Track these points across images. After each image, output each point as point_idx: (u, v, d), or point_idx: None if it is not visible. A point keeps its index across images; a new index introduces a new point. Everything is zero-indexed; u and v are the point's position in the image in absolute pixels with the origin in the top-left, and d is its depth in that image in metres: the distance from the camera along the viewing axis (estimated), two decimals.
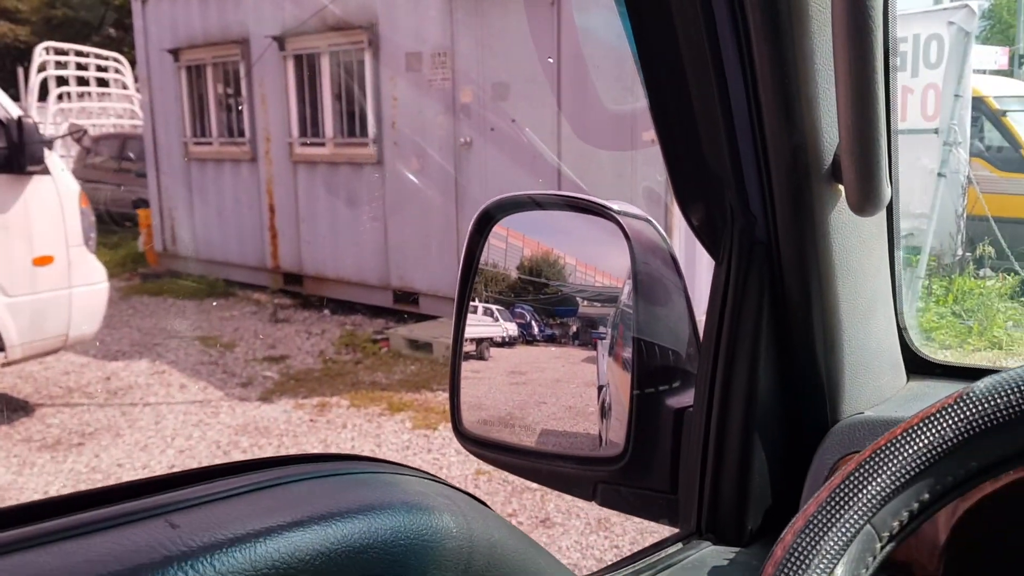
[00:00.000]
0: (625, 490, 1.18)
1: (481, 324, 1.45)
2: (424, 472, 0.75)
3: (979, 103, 9.09)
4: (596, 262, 1.36)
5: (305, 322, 9.10)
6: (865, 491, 0.65)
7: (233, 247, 10.62)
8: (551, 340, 1.35)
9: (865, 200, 0.84)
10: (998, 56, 11.88)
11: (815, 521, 0.64)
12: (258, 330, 8.85)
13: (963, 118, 8.18)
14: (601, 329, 1.33)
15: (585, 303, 1.34)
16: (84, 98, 15.48)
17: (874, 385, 1.15)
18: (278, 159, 9.89)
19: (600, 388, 1.42)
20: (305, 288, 9.75)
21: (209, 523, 0.57)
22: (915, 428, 0.67)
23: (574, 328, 1.34)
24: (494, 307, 1.43)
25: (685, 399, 1.17)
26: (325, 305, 9.45)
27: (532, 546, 0.76)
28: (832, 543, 0.63)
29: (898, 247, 1.13)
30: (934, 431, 0.67)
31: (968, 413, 0.67)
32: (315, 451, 5.47)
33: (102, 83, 15.72)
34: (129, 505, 0.59)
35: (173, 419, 6.42)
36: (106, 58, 15.44)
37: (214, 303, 10.09)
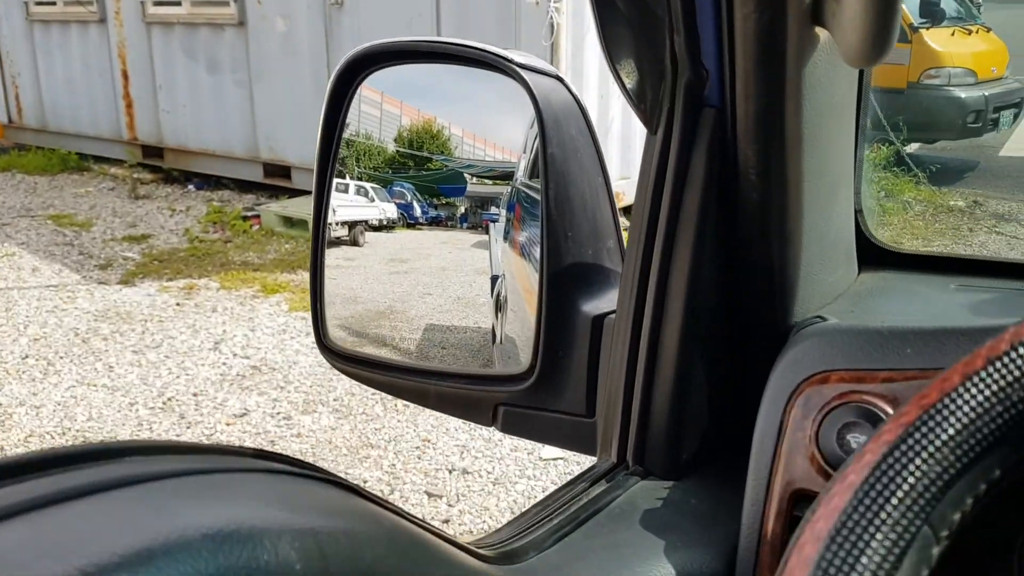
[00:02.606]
0: (532, 413, 0.97)
1: (354, 205, 1.27)
2: (285, 462, 0.50)
3: None
4: (487, 133, 1.18)
5: (168, 198, 8.51)
6: (915, 474, 0.44)
7: (85, 118, 9.77)
8: (436, 223, 1.20)
9: (873, 42, 0.60)
10: None
11: (849, 524, 0.43)
12: (116, 207, 8.25)
13: None
14: (494, 210, 1.16)
15: (475, 180, 1.17)
16: None
17: (828, 281, 0.95)
18: (129, 20, 9.01)
19: (494, 279, 1.22)
20: (166, 162, 9.09)
21: None
22: (976, 377, 0.47)
23: (462, 209, 1.18)
24: (368, 185, 1.25)
25: (604, 303, 0.95)
26: (189, 180, 8.84)
27: (424, 552, 0.53)
28: (876, 558, 0.42)
29: (866, 110, 0.92)
30: (1005, 376, 0.46)
31: None
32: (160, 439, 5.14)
33: None
34: None
35: (26, 305, 5.93)
36: None
37: (67, 179, 9.33)
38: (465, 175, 1.15)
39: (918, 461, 0.44)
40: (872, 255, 1.05)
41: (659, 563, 0.78)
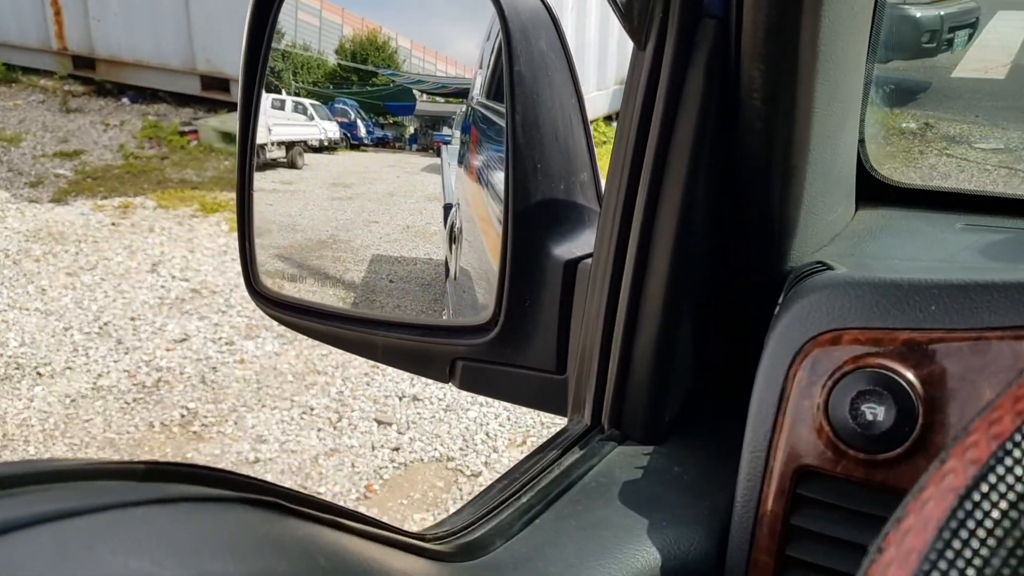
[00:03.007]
0: (494, 369, 0.86)
1: (291, 123, 1.15)
2: (191, 478, 0.39)
3: None
4: (439, 45, 1.06)
5: (101, 112, 8.09)
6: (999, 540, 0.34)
7: (10, 25, 9.19)
8: (382, 144, 1.09)
9: None
10: None
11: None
12: (47, 122, 7.84)
13: None
14: (446, 131, 1.05)
15: (425, 98, 1.07)
16: None
17: (828, 220, 0.85)
18: None
19: (447, 208, 1.10)
20: (98, 73, 8.61)
21: None
22: None
23: (411, 129, 1.08)
24: (307, 102, 1.14)
25: (578, 246, 0.84)
26: (123, 93, 8.41)
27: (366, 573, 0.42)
28: None
29: (880, 24, 0.80)
30: None
31: None
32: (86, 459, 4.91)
33: None
34: None
35: None
36: None
37: None
38: (414, 91, 1.05)
39: (1021, 494, 0.34)
40: (871, 190, 0.95)
41: (642, 546, 0.68)
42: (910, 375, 0.64)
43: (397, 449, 3.43)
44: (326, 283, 1.22)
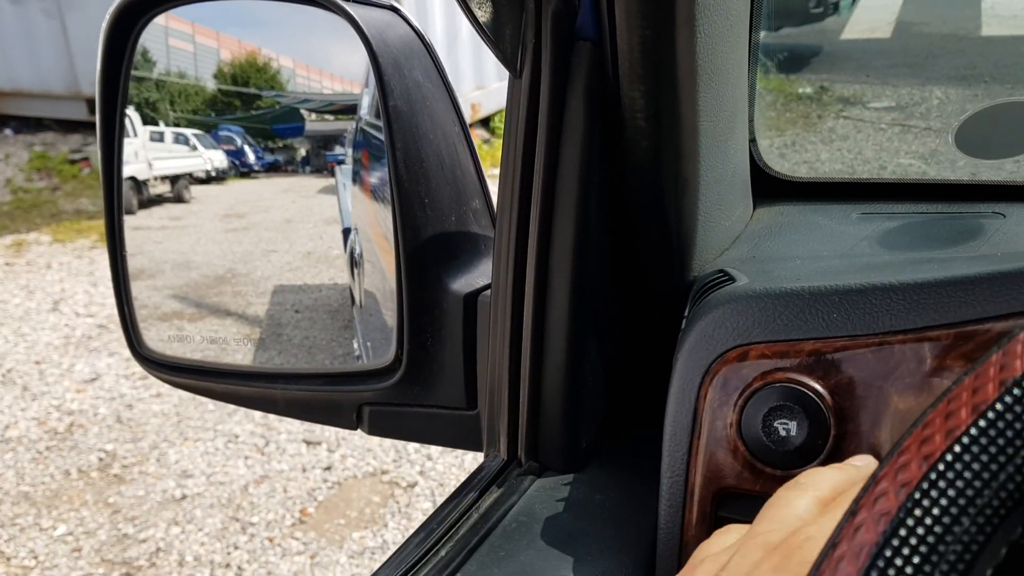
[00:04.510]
0: (403, 411, 0.83)
1: (173, 156, 1.11)
2: None
3: None
4: (322, 62, 1.03)
5: None
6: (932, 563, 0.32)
7: None
8: (274, 169, 1.06)
9: None
10: None
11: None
12: None
13: None
14: (339, 150, 1.02)
15: (313, 117, 1.03)
16: None
17: (725, 225, 0.83)
18: None
19: (345, 232, 1.07)
20: None
21: None
22: (991, 412, 0.35)
23: (303, 151, 1.05)
24: (188, 132, 1.10)
25: (476, 277, 0.81)
26: (5, 124, 8.05)
27: None
28: None
29: (758, 27, 0.79)
30: None
31: None
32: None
33: None
34: None
35: None
36: None
37: None
38: (302, 111, 1.01)
39: (935, 543, 0.32)
40: (767, 187, 0.94)
41: None
42: (818, 387, 0.63)
43: (329, 468, 3.36)
44: (225, 327, 1.16)
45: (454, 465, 3.32)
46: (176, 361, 0.90)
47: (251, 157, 1.06)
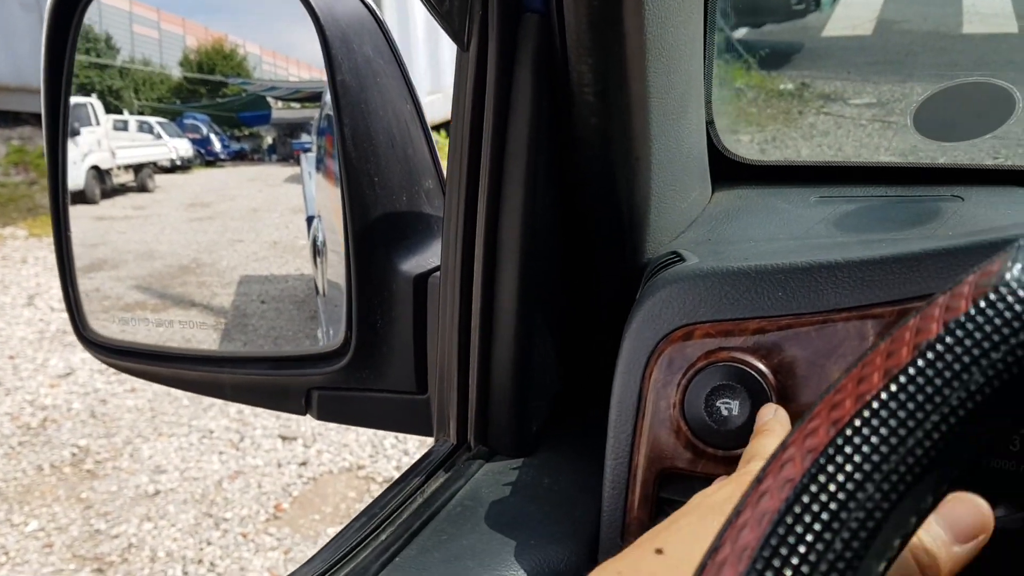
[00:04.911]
0: (353, 395, 0.81)
1: (137, 145, 1.09)
2: None
3: None
4: (289, 48, 1.01)
5: None
6: (834, 528, 0.31)
7: None
8: (240, 157, 1.04)
9: None
10: None
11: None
12: None
13: None
14: (305, 138, 1.01)
15: (280, 105, 1.02)
16: None
17: (681, 207, 0.82)
18: None
19: (309, 220, 1.06)
20: None
21: None
22: (903, 377, 0.34)
23: (269, 139, 1.03)
24: (153, 120, 1.09)
25: (427, 258, 0.80)
26: None
27: None
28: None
29: (713, 5, 0.78)
30: (942, 370, 0.34)
31: None
32: None
33: None
34: None
35: None
36: None
37: None
38: (268, 99, 1.00)
39: (837, 510, 0.31)
40: (726, 170, 0.93)
41: (509, 571, 0.65)
42: (761, 365, 0.62)
43: (304, 463, 3.34)
44: (190, 317, 1.15)
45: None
46: (122, 345, 0.88)
47: (217, 145, 1.04)
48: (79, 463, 3.41)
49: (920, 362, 0.33)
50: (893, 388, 0.33)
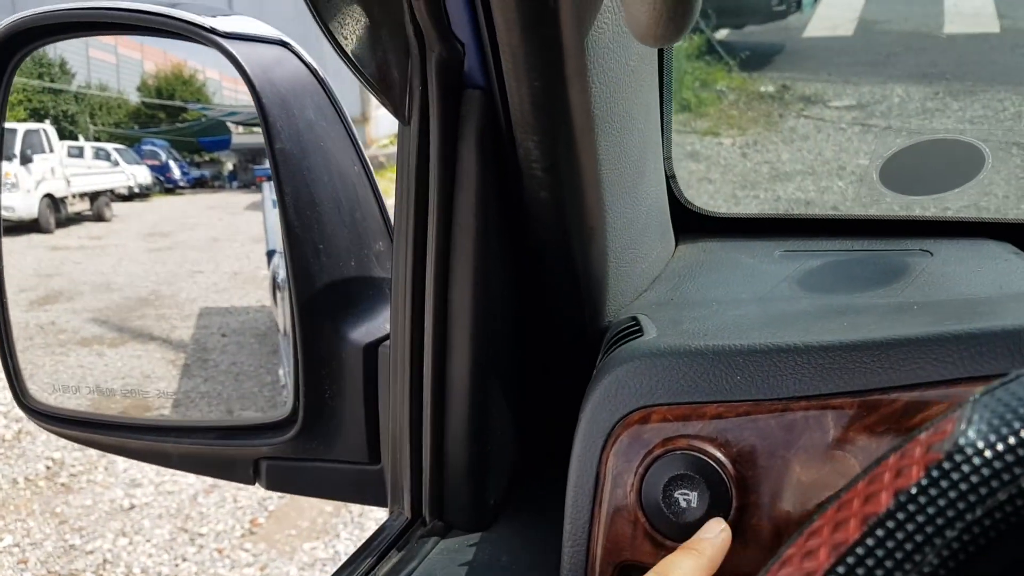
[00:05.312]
0: (303, 466, 0.79)
1: (92, 172, 1.09)
2: None
3: None
4: None
5: None
6: None
7: None
8: (200, 184, 1.04)
9: (670, 17, 0.43)
10: None
11: None
12: None
13: None
14: (267, 164, 0.95)
15: (241, 130, 1.01)
16: None
17: (641, 268, 0.80)
18: None
19: (269, 255, 1.03)
20: None
21: None
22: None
23: (230, 165, 1.02)
24: (110, 147, 1.09)
25: (378, 326, 0.77)
26: None
27: None
28: None
29: (669, 63, 0.76)
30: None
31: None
32: None
33: None
34: None
35: None
36: None
37: None
38: (228, 124, 0.99)
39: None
40: (690, 222, 0.91)
41: None
42: (720, 455, 0.60)
43: None
44: (148, 352, 1.12)
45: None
46: (64, 413, 0.86)
47: (176, 172, 1.03)
48: (54, 476, 3.36)
49: (869, 541, 0.31)
50: (840, 571, 0.31)
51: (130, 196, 1.07)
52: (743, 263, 0.87)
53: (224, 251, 1.10)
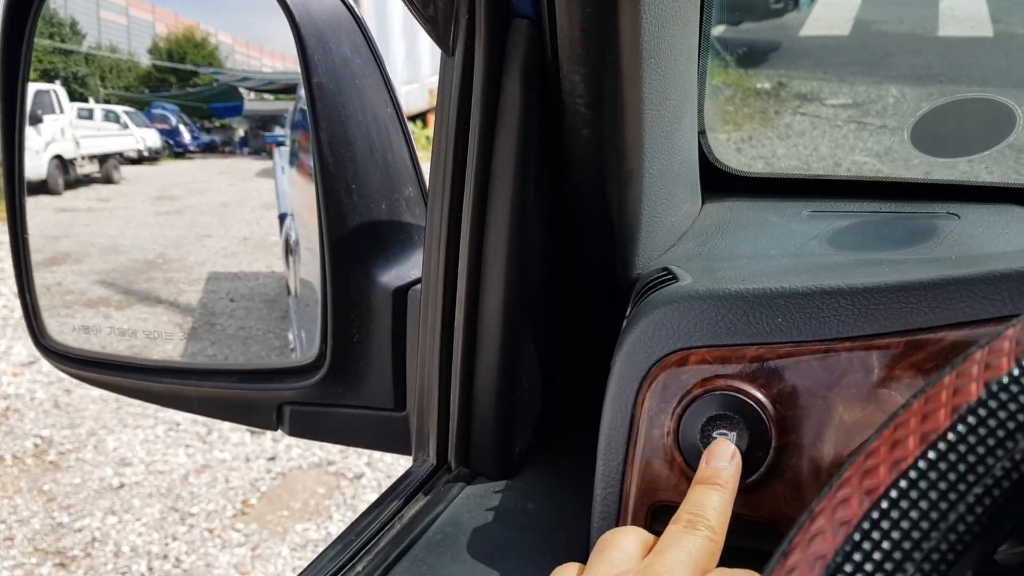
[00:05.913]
0: (327, 411, 0.78)
1: (102, 134, 1.06)
2: None
3: None
4: (262, 39, 0.97)
5: None
6: None
7: None
8: (210, 149, 1.01)
9: None
10: None
11: None
12: None
13: None
14: (278, 131, 0.97)
15: (253, 96, 0.99)
16: None
17: (672, 221, 0.79)
18: None
19: (281, 218, 1.02)
20: None
21: None
22: (933, 452, 0.31)
23: (241, 131, 1.00)
24: (120, 109, 1.05)
25: (407, 270, 0.76)
26: None
27: None
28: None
29: (709, 12, 0.75)
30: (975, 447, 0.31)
31: None
32: None
33: None
34: None
35: None
36: None
37: None
38: (240, 90, 0.97)
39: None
40: (717, 181, 0.90)
41: None
42: (760, 395, 0.59)
43: (273, 458, 3.29)
44: (155, 315, 1.11)
45: (402, 456, 3.27)
46: (83, 354, 0.84)
47: (186, 136, 1.01)
48: (42, 454, 3.34)
49: (961, 428, 0.31)
50: (932, 456, 0.30)
51: (139, 159, 1.05)
52: (771, 222, 0.87)
53: (234, 216, 1.09)
